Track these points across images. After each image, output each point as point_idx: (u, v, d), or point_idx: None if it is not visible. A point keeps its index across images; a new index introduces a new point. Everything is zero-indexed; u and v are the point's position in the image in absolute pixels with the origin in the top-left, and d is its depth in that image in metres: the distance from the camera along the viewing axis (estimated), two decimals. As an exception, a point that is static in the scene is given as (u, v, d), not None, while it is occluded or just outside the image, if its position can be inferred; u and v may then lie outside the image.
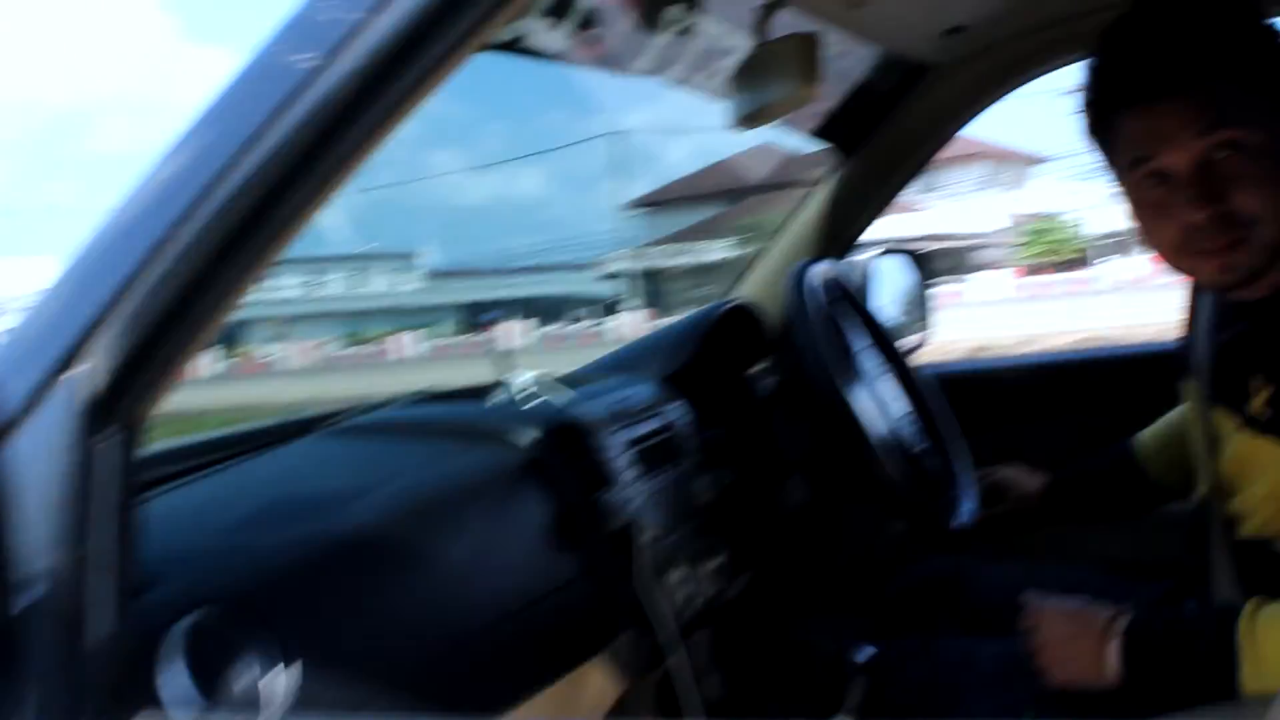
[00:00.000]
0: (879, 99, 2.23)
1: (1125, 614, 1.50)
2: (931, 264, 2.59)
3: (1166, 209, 1.39)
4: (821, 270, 1.96)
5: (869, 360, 1.99)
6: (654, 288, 47.18)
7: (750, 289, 2.37)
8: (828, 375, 1.76)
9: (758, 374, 2.12)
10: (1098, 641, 1.49)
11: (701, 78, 1.79)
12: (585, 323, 45.22)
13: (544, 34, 1.44)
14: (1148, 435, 1.99)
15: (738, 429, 1.92)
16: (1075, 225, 45.93)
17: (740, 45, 1.69)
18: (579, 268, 51.79)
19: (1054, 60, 2.16)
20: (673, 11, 1.62)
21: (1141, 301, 21.99)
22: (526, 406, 1.62)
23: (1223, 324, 1.57)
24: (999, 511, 2.04)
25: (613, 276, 48.44)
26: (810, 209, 2.36)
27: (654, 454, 1.66)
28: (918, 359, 2.24)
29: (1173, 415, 1.96)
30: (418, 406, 1.83)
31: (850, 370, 1.89)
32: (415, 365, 30.02)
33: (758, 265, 2.42)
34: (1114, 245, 45.61)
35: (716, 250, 43.77)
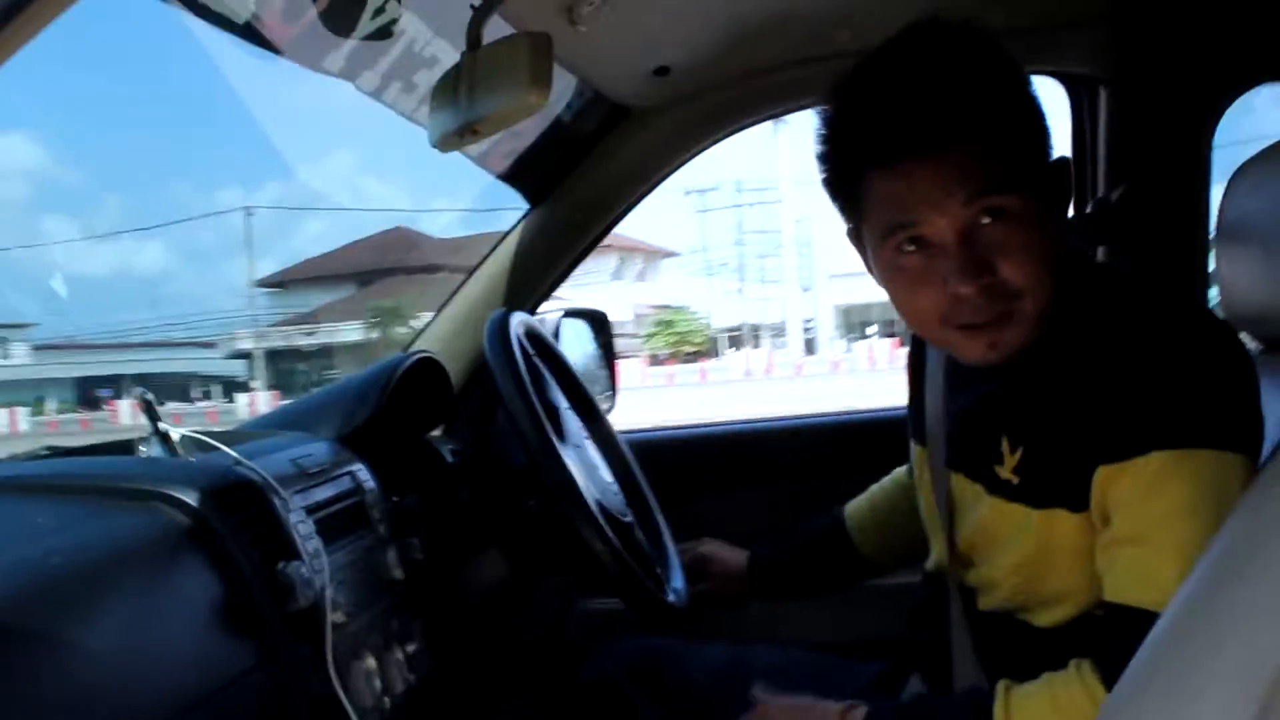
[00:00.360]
0: (575, 142, 2.07)
1: (858, 707, 1.37)
2: (609, 325, 2.45)
3: (927, 279, 1.25)
4: (521, 320, 1.75)
5: (572, 422, 1.79)
6: (281, 367, 46.00)
7: (431, 343, 2.13)
8: (540, 437, 1.54)
9: (445, 433, 1.89)
10: None
11: (397, 88, 1.55)
12: (209, 401, 43.31)
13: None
14: (854, 506, 1.90)
15: (427, 495, 1.67)
16: (700, 317, 48.18)
17: (446, 55, 1.49)
18: (203, 344, 49.66)
19: (765, 108, 2.07)
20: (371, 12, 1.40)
21: (763, 390, 23.30)
22: (185, 461, 1.32)
23: (960, 386, 1.47)
24: (702, 588, 1.89)
25: (239, 355, 46.66)
26: (496, 260, 2.16)
27: (336, 522, 1.40)
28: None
29: (883, 483, 1.88)
30: (43, 461, 1.46)
31: (558, 432, 1.68)
32: (28, 440, 27.34)
33: (438, 318, 2.18)
34: (737, 338, 48.23)
35: (346, 331, 43.15)
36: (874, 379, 25.89)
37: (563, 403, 1.80)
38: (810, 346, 48.12)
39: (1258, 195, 1.46)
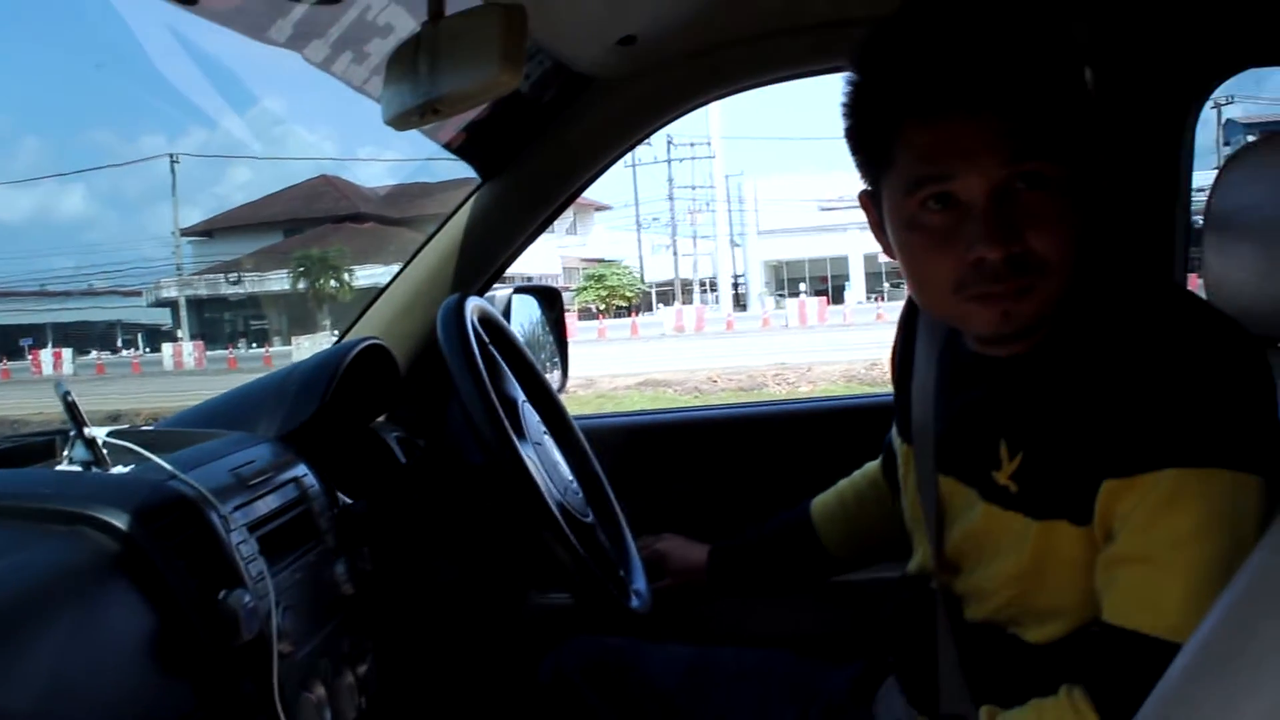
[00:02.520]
0: (532, 113, 1.95)
1: None
2: (561, 302, 2.35)
3: (948, 240, 1.17)
4: (476, 307, 1.65)
5: (531, 416, 1.69)
6: (207, 316, 45.59)
7: (375, 325, 2.01)
8: (500, 437, 1.43)
9: (391, 427, 1.78)
10: None
11: (348, 59, 1.43)
12: (134, 350, 42.81)
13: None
14: (822, 500, 1.83)
15: (375, 495, 1.57)
16: (632, 271, 48.20)
17: (404, 23, 1.36)
18: (127, 293, 48.85)
19: (735, 81, 1.96)
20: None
21: (691, 348, 23.37)
22: (109, 474, 1.20)
23: (955, 384, 1.39)
24: (661, 586, 1.81)
25: (164, 303, 46.01)
26: (445, 237, 2.04)
27: (281, 537, 1.28)
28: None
29: (853, 478, 1.82)
30: None
31: (519, 429, 1.58)
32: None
33: (383, 299, 2.05)
34: (668, 293, 48.35)
35: (273, 280, 42.80)
36: (806, 335, 26.12)
37: (520, 395, 1.69)
38: (741, 302, 48.40)
39: (1251, 187, 1.39)
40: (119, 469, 1.21)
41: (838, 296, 43.93)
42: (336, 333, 2.16)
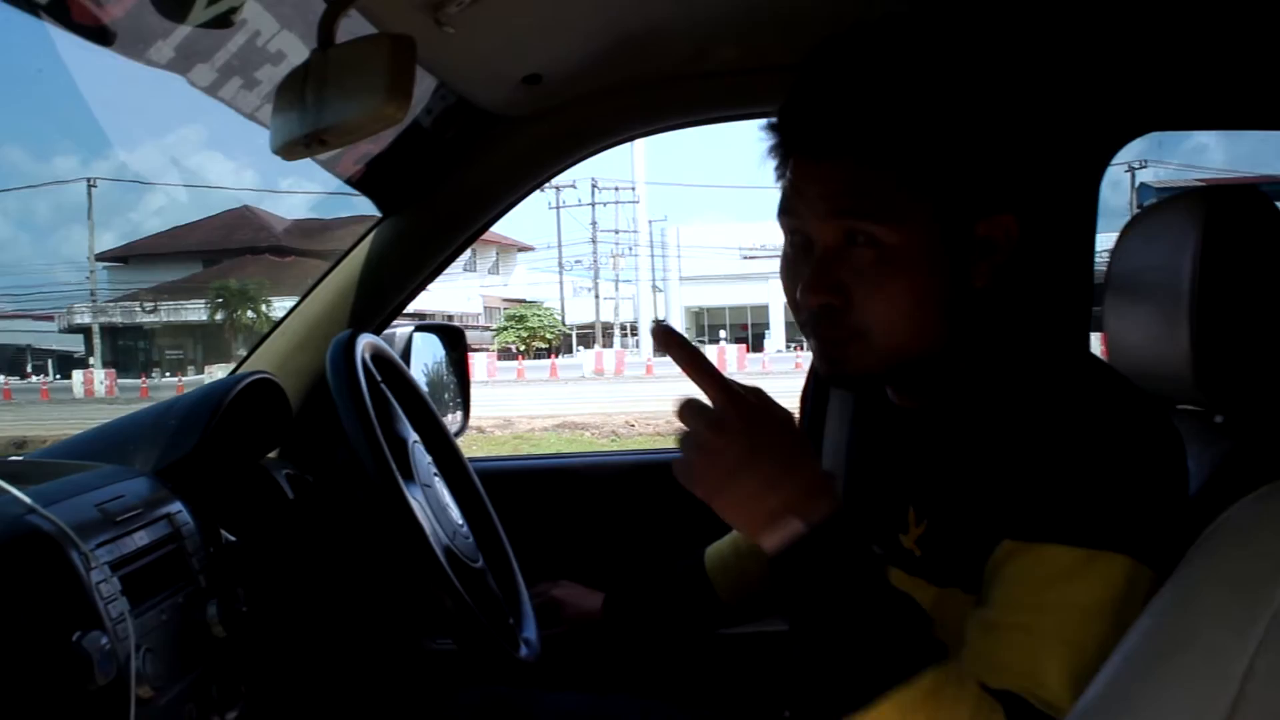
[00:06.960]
0: (434, 149, 1.92)
1: None
2: (464, 341, 2.31)
3: (794, 271, 1.18)
4: (369, 344, 1.61)
5: (421, 458, 1.65)
6: (121, 343, 44.74)
7: (268, 360, 1.95)
8: (384, 478, 1.39)
9: (282, 464, 1.73)
10: None
11: (236, 86, 1.39)
12: (43, 376, 41.88)
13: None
14: (716, 548, 1.80)
15: (256, 533, 1.52)
16: (553, 313, 48.13)
17: (295, 51, 1.33)
18: (39, 317, 47.77)
19: (641, 123, 1.95)
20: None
21: (610, 391, 23.34)
22: None
23: (866, 443, 1.37)
24: (555, 633, 1.77)
25: (76, 329, 45.07)
26: (343, 273, 1.99)
27: (148, 576, 1.23)
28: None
29: None
30: None
31: (407, 470, 1.54)
32: None
33: (276, 334, 2.00)
34: (589, 335, 48.32)
35: (190, 310, 42.22)
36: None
37: (412, 436, 1.65)
38: (661, 346, 48.46)
39: (1149, 250, 1.40)
40: None
41: (758, 345, 44.22)
42: (249, 364, 2.10)
